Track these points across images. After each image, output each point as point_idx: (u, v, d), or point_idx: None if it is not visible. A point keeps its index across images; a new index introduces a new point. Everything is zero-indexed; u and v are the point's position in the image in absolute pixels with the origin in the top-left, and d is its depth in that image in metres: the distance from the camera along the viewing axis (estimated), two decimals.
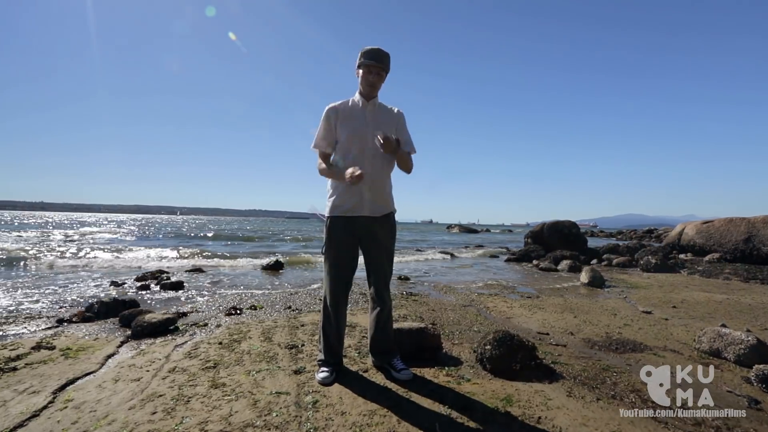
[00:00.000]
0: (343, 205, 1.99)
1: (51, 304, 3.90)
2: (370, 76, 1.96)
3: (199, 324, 3.13)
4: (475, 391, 1.92)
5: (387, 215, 2.08)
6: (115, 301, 3.53)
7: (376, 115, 2.02)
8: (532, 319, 3.55)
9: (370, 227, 2.02)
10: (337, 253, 2.02)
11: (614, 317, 3.65)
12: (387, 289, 2.13)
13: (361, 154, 1.95)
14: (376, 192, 2.00)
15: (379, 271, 2.09)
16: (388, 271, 2.12)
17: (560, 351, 2.60)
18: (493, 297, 4.65)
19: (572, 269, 7.18)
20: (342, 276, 2.04)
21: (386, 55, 1.96)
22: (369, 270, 2.11)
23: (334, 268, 2.03)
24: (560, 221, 10.25)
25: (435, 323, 3.26)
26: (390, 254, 2.13)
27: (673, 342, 2.87)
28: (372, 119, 2.00)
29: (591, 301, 4.48)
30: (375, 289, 2.11)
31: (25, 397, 1.82)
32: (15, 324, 3.11)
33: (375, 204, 2.01)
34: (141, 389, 1.90)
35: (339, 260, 2.02)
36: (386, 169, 2.06)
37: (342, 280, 2.05)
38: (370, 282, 2.12)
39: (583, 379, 2.11)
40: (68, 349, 2.49)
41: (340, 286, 2.05)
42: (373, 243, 2.05)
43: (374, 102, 2.03)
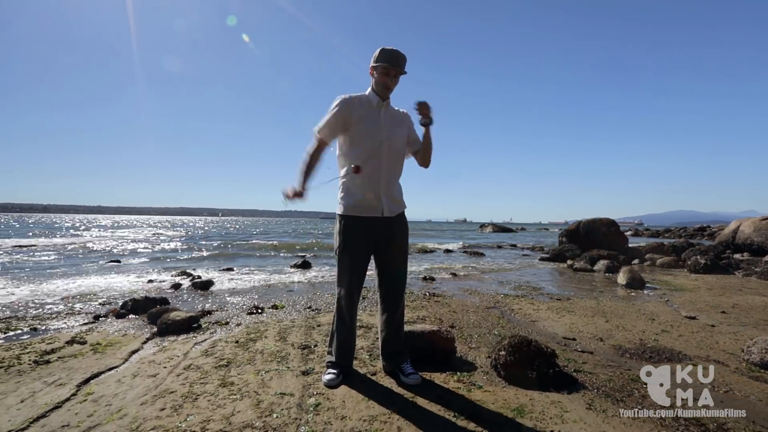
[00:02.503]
0: (359, 206, 1.95)
1: (93, 301, 4.17)
2: (387, 78, 1.93)
3: (220, 322, 3.22)
4: (486, 399, 1.82)
5: (401, 214, 2.06)
6: (145, 299, 3.72)
7: (389, 115, 2.01)
8: (559, 323, 3.36)
9: (387, 227, 1.98)
10: (353, 254, 1.97)
11: (651, 322, 3.37)
12: (403, 291, 2.09)
13: (376, 152, 1.92)
14: (391, 191, 1.98)
15: (395, 272, 2.04)
16: (403, 272, 2.07)
17: (585, 358, 2.43)
18: (520, 299, 4.45)
19: (609, 270, 6.75)
20: (357, 279, 2.00)
21: (404, 59, 1.94)
22: (383, 271, 2.06)
23: (350, 271, 1.98)
24: (598, 219, 9.69)
25: (453, 325, 3.16)
26: (405, 254, 2.09)
27: (718, 352, 2.60)
28: (387, 118, 1.98)
29: (627, 304, 4.18)
30: (388, 291, 2.06)
31: (52, 389, 1.93)
32: (57, 319, 3.35)
33: (391, 203, 1.98)
34: (155, 385, 1.96)
35: (355, 262, 1.98)
36: (399, 167, 2.05)
37: (357, 283, 2.01)
38: (383, 283, 2.07)
39: (608, 390, 1.95)
40: (98, 344, 2.63)
41: (354, 289, 2.01)
42: (390, 243, 2.01)
43: (388, 103, 2.01)
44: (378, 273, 2.08)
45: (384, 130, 1.94)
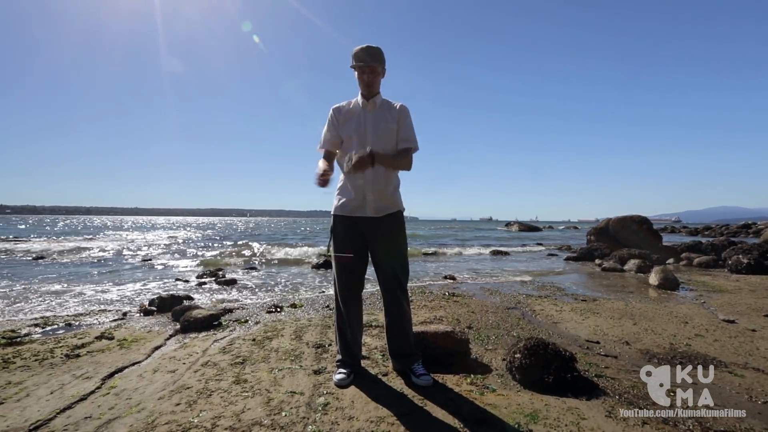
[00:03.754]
0: (346, 205, 1.98)
1: (124, 298, 4.38)
2: (364, 75, 1.95)
3: (240, 321, 3.30)
4: (498, 403, 1.76)
5: (392, 215, 2.01)
6: (171, 297, 3.87)
7: (376, 114, 1.99)
8: (583, 324, 3.22)
9: (374, 228, 1.97)
10: (342, 253, 2.00)
11: (684, 326, 3.18)
12: (402, 291, 2.04)
13: (363, 152, 1.92)
14: (378, 192, 1.96)
15: (387, 272, 2.01)
16: (400, 272, 2.03)
17: (608, 363, 2.31)
18: (543, 299, 4.31)
19: (641, 269, 6.42)
20: (349, 276, 2.01)
21: (376, 50, 1.93)
22: (377, 271, 2.05)
23: (341, 268, 2.01)
24: (629, 216, 9.25)
25: (471, 326, 3.10)
26: (399, 254, 2.03)
27: (759, 359, 2.41)
28: (372, 118, 1.98)
29: (658, 306, 3.96)
30: (385, 291, 2.04)
31: (79, 381, 2.04)
32: (90, 315, 3.54)
33: (378, 204, 1.96)
34: (173, 381, 2.03)
35: (344, 260, 2.00)
36: (389, 168, 1.98)
37: (350, 281, 2.02)
38: (380, 283, 2.06)
39: (631, 397, 1.84)
40: (124, 339, 2.76)
41: (349, 287, 2.03)
42: (378, 244, 1.99)
43: (375, 101, 1.99)
44: (376, 273, 2.07)
45: (369, 130, 1.96)
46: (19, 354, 2.42)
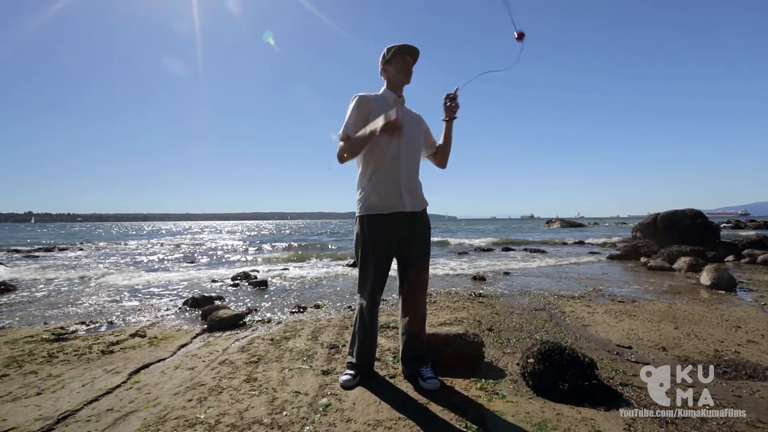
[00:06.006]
0: (381, 203, 1.90)
1: (162, 297, 4.68)
2: (407, 68, 1.96)
3: (263, 321, 3.40)
4: (506, 410, 1.67)
5: (423, 211, 2.02)
6: (203, 297, 4.07)
7: (405, 112, 1.98)
8: (616, 328, 3.00)
9: (411, 224, 1.94)
10: (376, 255, 1.92)
11: (735, 331, 2.86)
12: (424, 292, 2.03)
13: (396, 148, 1.90)
14: (412, 186, 1.96)
15: (417, 273, 1.98)
16: (425, 273, 2.01)
17: (637, 370, 2.12)
18: (575, 300, 4.06)
19: (692, 268, 5.88)
20: (380, 280, 1.96)
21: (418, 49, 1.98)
22: (405, 270, 1.99)
23: (373, 272, 1.93)
24: (679, 210, 8.51)
25: (492, 328, 2.98)
26: (428, 252, 2.03)
27: None
28: (404, 115, 1.92)
29: (707, 308, 3.60)
30: (410, 293, 2.00)
31: (109, 376, 2.19)
32: (129, 314, 3.80)
33: (413, 199, 1.95)
34: (191, 378, 2.12)
35: (378, 263, 1.93)
36: (418, 164, 2.03)
37: (379, 285, 1.97)
38: (405, 285, 2.01)
39: (658, 409, 1.68)
40: (155, 337, 2.93)
41: (377, 291, 1.98)
42: (413, 241, 1.95)
43: (403, 100, 2.01)
44: (400, 274, 2.03)
45: (405, 124, 1.89)
46: (62, 349, 2.64)
